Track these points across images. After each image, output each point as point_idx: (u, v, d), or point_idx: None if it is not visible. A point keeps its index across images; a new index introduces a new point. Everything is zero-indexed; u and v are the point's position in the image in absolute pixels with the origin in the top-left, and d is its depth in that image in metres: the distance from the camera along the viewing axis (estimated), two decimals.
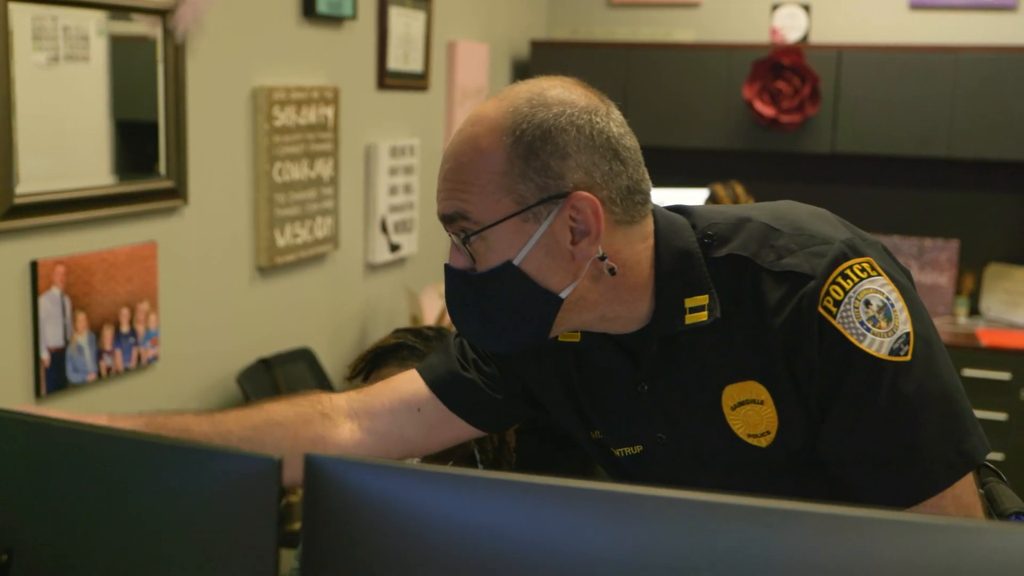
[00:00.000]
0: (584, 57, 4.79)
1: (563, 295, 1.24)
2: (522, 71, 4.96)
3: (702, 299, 1.26)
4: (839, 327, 1.19)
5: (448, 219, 1.26)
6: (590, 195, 1.21)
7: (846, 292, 1.19)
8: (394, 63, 3.84)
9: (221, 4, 2.93)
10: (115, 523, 0.84)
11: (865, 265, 1.21)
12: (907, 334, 1.19)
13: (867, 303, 1.19)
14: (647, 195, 1.29)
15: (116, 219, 2.65)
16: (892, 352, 1.18)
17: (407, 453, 1.50)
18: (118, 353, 2.70)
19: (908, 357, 1.19)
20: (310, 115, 3.34)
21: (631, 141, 1.29)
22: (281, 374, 3.18)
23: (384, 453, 1.46)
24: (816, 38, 4.71)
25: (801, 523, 0.76)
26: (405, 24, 3.88)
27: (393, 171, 3.85)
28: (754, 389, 1.26)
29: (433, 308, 3.75)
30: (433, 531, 0.78)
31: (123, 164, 2.70)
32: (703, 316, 1.26)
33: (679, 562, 0.77)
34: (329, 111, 3.43)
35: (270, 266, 3.21)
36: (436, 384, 1.47)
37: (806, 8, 4.68)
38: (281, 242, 3.25)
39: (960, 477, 1.21)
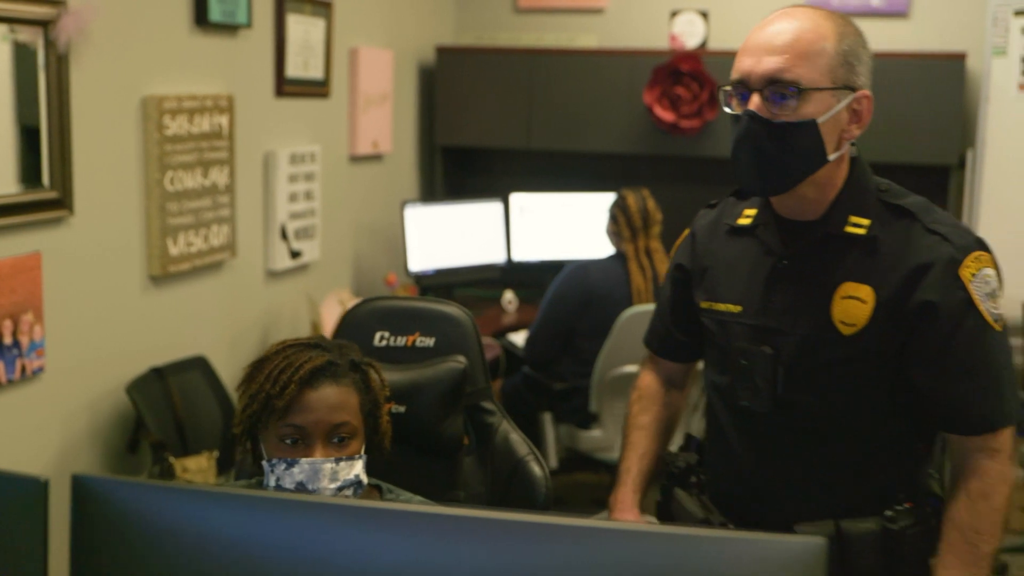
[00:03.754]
0: (490, 63, 4.83)
1: (830, 158, 1.69)
2: (428, 77, 4.99)
3: (865, 221, 1.72)
4: (971, 289, 1.67)
5: (775, 78, 1.65)
6: (870, 94, 1.70)
7: (980, 269, 1.68)
8: (293, 70, 3.84)
9: (109, 14, 2.92)
10: None
11: (988, 258, 1.71)
12: (1001, 315, 1.71)
13: (987, 283, 1.68)
14: None
15: None
16: (995, 320, 1.69)
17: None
18: (0, 365, 2.68)
19: (1000, 328, 1.70)
20: (203, 123, 3.33)
21: None
22: (174, 383, 3.17)
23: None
24: (714, 44, 4.79)
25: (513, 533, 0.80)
26: (304, 31, 3.89)
27: (293, 178, 3.85)
28: (865, 291, 1.70)
29: (332, 315, 3.77)
30: (195, 547, 0.80)
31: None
32: (861, 231, 1.72)
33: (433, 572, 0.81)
34: (223, 119, 3.43)
35: (163, 275, 3.21)
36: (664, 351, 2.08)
37: (704, 15, 4.77)
38: (174, 251, 3.25)
39: (1018, 419, 1.70)
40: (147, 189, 3.15)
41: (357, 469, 1.67)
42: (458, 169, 5.20)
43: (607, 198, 4.13)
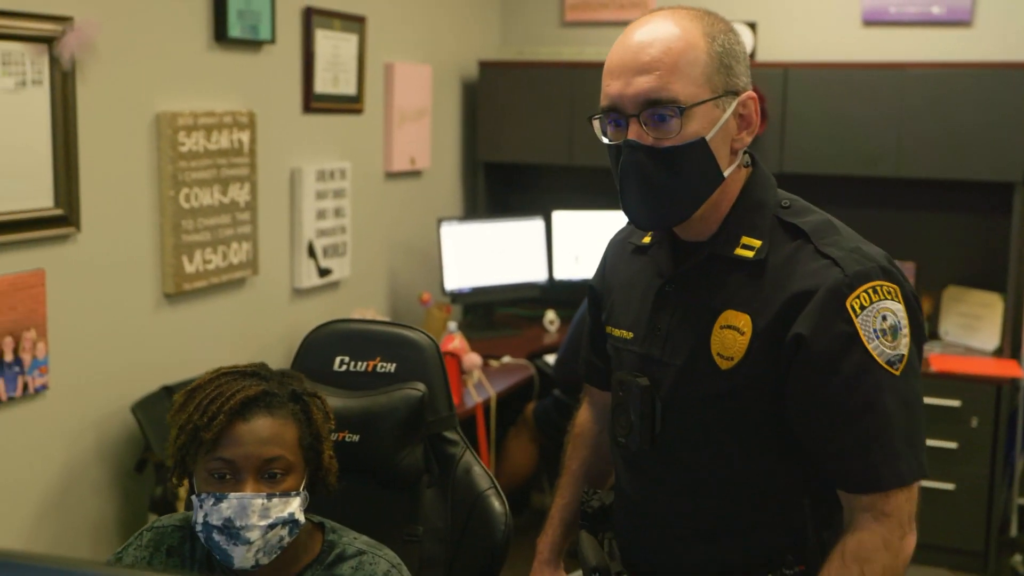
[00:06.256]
0: (533, 77, 4.73)
1: (725, 174, 1.51)
2: (471, 92, 4.91)
3: (756, 242, 1.53)
4: (858, 324, 1.44)
5: (651, 100, 1.47)
6: (755, 95, 1.54)
7: (872, 302, 1.44)
8: (322, 86, 3.80)
9: (121, 31, 2.91)
10: None
11: (892, 289, 1.47)
12: (903, 356, 1.46)
13: (884, 318, 1.44)
14: None
15: None
16: (888, 362, 1.45)
17: None
18: (0, 382, 2.67)
19: (898, 372, 1.46)
20: (221, 140, 3.30)
21: None
22: None
23: None
24: (763, 56, 4.62)
25: None
26: (334, 47, 3.85)
27: (321, 195, 3.81)
28: (743, 321, 1.51)
29: None
30: None
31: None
32: (750, 254, 1.52)
33: None
34: (244, 136, 3.40)
35: (177, 292, 3.18)
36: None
37: (752, 26, 4.60)
38: (190, 268, 3.22)
39: (916, 480, 1.47)
40: (160, 206, 3.12)
41: (292, 507, 1.58)
42: (500, 186, 5.11)
43: None
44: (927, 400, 4.01)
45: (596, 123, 1.56)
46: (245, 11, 3.35)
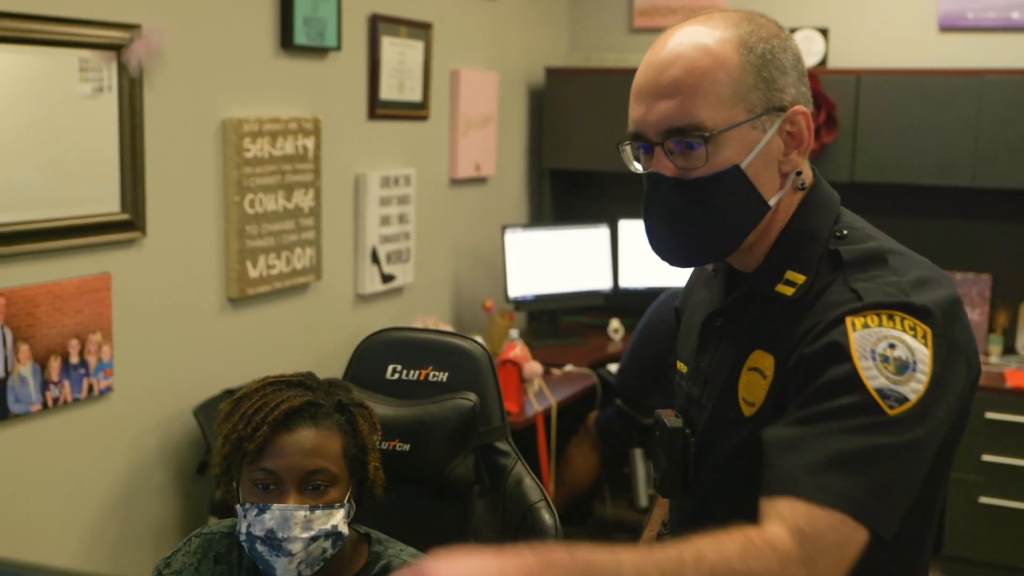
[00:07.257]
0: (599, 84, 4.69)
1: (771, 203, 1.34)
2: (537, 98, 4.89)
3: (799, 278, 1.34)
4: (852, 338, 1.21)
5: (673, 128, 1.31)
6: (805, 109, 1.34)
7: (880, 326, 1.21)
8: (387, 93, 3.81)
9: (188, 40, 2.94)
10: None
11: (920, 328, 1.22)
12: (907, 399, 1.18)
13: (891, 345, 1.20)
14: None
15: (64, 251, 2.66)
16: (880, 391, 1.18)
17: None
18: (66, 384, 2.71)
19: (890, 412, 1.18)
20: (286, 146, 3.33)
21: None
22: None
23: None
24: (834, 63, 4.53)
25: None
26: (400, 53, 3.86)
27: (385, 201, 3.82)
28: (767, 363, 1.33)
29: None
30: None
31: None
32: (790, 291, 1.34)
33: None
34: (309, 142, 3.42)
35: (241, 297, 3.20)
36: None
37: (823, 32, 4.51)
38: (253, 273, 3.24)
39: (852, 513, 1.14)
40: (226, 211, 3.15)
41: (335, 519, 1.57)
42: (566, 193, 5.08)
43: None
44: (1000, 417, 3.91)
45: (627, 149, 1.41)
46: (311, 18, 3.37)
